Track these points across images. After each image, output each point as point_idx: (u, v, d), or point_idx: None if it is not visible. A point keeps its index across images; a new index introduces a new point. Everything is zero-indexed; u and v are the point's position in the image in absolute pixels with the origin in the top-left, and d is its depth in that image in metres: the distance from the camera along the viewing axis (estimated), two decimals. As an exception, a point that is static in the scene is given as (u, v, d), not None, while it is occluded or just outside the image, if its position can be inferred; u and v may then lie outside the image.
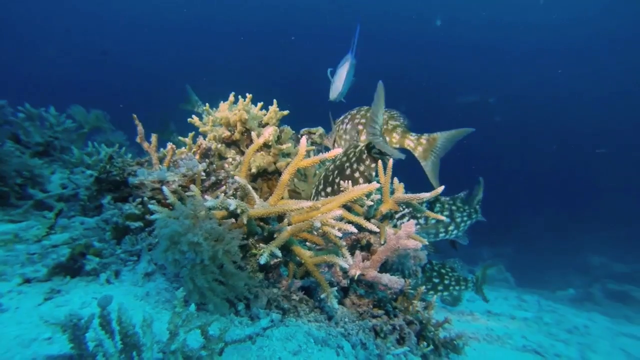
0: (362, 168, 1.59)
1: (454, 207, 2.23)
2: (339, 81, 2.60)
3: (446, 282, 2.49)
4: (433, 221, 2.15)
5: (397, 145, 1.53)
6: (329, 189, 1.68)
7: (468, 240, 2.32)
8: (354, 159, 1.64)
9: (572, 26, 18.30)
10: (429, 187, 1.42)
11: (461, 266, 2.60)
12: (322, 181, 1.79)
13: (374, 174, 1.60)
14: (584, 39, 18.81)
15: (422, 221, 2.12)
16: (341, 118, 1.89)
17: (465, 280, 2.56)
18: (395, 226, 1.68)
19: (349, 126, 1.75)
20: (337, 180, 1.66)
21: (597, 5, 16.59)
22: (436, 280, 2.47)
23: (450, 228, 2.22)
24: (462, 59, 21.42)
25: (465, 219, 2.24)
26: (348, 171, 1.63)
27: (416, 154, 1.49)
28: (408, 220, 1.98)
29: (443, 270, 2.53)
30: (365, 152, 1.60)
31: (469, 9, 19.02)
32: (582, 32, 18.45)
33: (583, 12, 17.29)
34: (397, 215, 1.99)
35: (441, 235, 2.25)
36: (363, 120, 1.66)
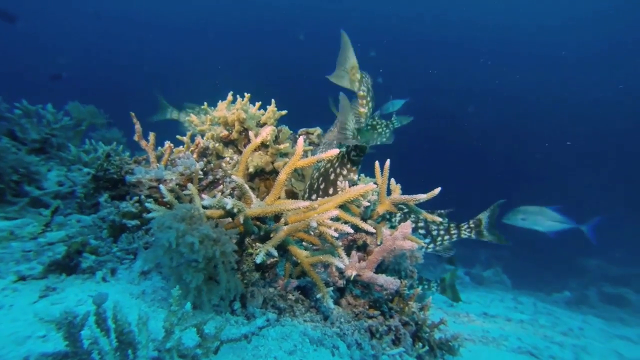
0: (344, 172, 1.61)
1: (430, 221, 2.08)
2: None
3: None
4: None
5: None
6: (314, 197, 1.70)
7: (452, 253, 2.17)
8: (337, 163, 1.66)
9: (576, 29, 18.39)
10: (426, 189, 1.43)
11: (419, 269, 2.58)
12: (307, 190, 1.81)
13: (355, 177, 1.61)
14: (587, 42, 18.90)
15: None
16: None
17: (427, 281, 2.57)
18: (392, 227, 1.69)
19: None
20: (322, 187, 1.68)
21: (598, 7, 16.68)
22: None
23: (426, 241, 2.11)
24: (471, 61, 21.48)
25: (442, 232, 2.12)
26: (332, 176, 1.65)
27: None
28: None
29: None
30: (347, 156, 1.61)
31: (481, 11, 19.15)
32: (584, 35, 18.54)
33: (584, 15, 17.37)
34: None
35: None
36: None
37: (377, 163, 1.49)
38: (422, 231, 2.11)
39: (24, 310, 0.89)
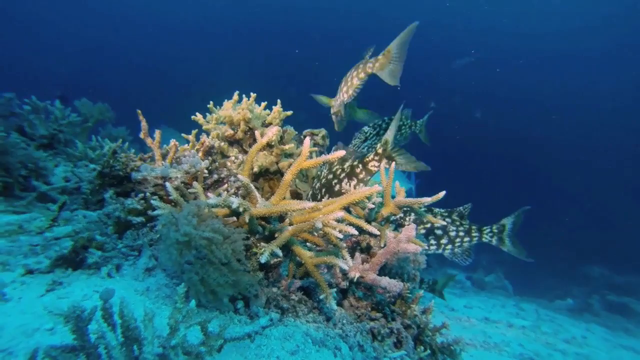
0: (354, 183, 1.60)
1: (448, 220, 1.97)
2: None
3: None
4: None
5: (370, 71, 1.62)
6: None
7: (470, 261, 2.03)
8: (342, 175, 1.64)
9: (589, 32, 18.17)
10: (431, 192, 1.43)
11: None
12: (310, 199, 1.80)
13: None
14: (601, 44, 18.66)
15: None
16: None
17: (421, 280, 2.57)
18: (397, 228, 1.69)
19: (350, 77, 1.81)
20: (325, 198, 1.67)
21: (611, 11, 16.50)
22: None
23: (443, 241, 1.97)
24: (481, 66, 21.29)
25: (461, 234, 1.97)
26: (337, 188, 1.63)
27: (378, 73, 1.61)
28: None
29: None
30: (360, 166, 1.60)
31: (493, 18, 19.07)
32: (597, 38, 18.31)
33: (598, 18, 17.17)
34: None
35: (432, 248, 1.98)
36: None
37: (382, 166, 1.49)
38: (439, 231, 1.96)
39: (31, 303, 0.90)
